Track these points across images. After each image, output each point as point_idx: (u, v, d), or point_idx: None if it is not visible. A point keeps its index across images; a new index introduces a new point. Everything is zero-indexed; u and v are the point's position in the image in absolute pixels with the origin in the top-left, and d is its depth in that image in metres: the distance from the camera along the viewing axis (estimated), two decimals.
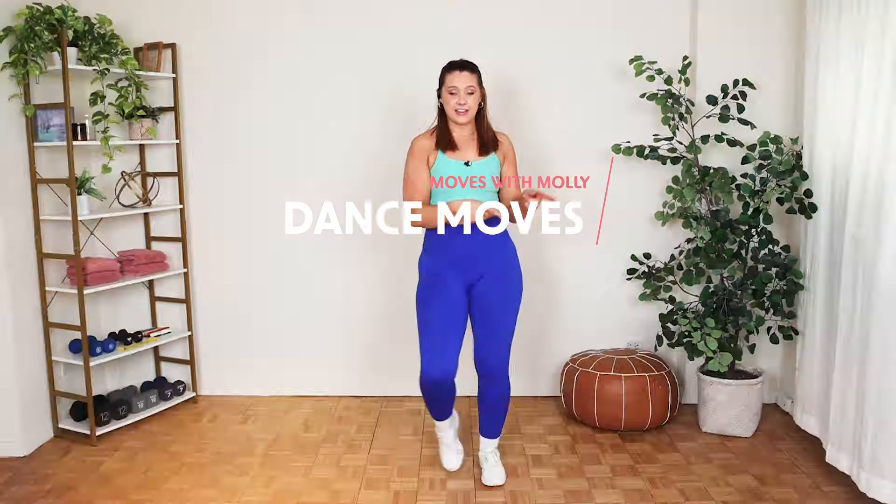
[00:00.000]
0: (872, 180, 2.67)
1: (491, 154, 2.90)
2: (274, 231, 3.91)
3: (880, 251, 2.58)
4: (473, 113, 2.86)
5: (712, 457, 3.23)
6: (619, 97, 3.76)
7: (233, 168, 3.90)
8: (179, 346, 4.03)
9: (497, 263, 2.89)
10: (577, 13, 3.73)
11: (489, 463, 3.03)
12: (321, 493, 2.93)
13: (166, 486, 3.00)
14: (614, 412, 3.41)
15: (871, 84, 2.71)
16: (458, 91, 2.80)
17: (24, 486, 3.01)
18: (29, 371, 3.36)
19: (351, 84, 3.82)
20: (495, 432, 3.05)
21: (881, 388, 2.58)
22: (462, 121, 2.84)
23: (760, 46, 3.61)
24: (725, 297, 3.41)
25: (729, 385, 3.38)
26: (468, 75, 2.82)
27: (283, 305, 3.98)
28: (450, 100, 2.83)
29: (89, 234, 3.75)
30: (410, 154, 2.90)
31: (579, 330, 3.92)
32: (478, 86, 2.85)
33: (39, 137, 3.35)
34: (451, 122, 2.88)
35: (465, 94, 2.80)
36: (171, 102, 3.84)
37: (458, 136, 2.89)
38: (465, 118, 2.83)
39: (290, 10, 3.78)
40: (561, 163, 3.81)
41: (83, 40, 3.34)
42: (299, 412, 3.80)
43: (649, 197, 3.81)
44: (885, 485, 2.57)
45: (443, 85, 2.86)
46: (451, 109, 2.83)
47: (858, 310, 2.75)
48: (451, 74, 2.83)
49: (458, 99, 2.81)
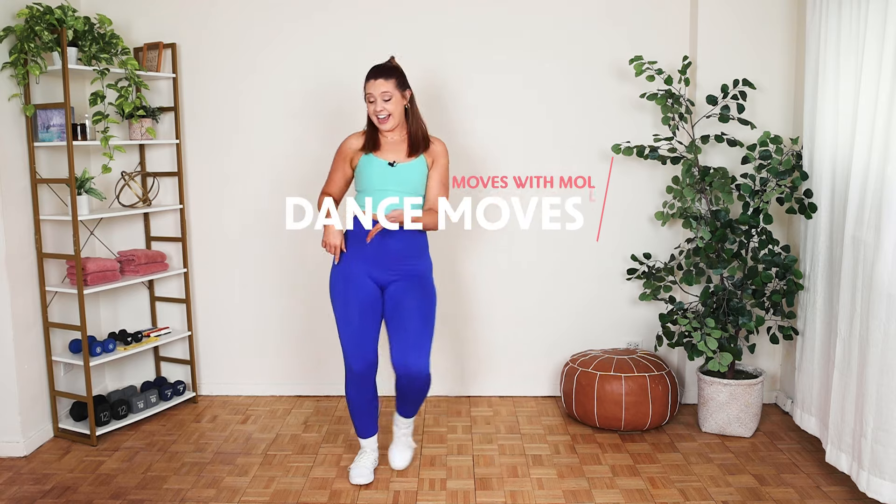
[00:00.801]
0: (872, 180, 2.67)
1: (420, 156, 2.92)
2: (274, 231, 3.91)
3: (880, 251, 2.58)
4: (396, 118, 2.86)
5: (712, 457, 3.23)
6: (619, 97, 3.76)
7: (233, 168, 3.90)
8: (179, 346, 4.03)
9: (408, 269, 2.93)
10: (577, 13, 3.73)
11: (399, 444, 3.14)
12: (321, 493, 2.93)
13: (166, 486, 3.00)
14: (614, 412, 3.41)
15: (871, 84, 2.71)
16: (375, 98, 2.83)
17: (24, 486, 3.01)
18: (29, 371, 3.36)
19: (351, 84, 3.81)
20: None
21: (881, 388, 2.58)
22: (384, 127, 2.86)
23: (760, 46, 3.61)
24: (725, 297, 3.41)
25: (729, 385, 3.38)
26: (382, 82, 2.82)
27: (283, 305, 3.98)
28: (369, 107, 2.86)
29: (89, 234, 3.75)
30: (338, 151, 2.99)
31: (579, 330, 3.92)
32: (396, 89, 2.84)
33: (39, 137, 3.35)
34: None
35: (382, 101, 2.83)
36: (171, 102, 3.84)
37: (387, 138, 2.93)
38: (387, 125, 2.86)
39: (290, 10, 3.79)
40: (561, 163, 3.81)
41: (83, 40, 3.34)
42: (299, 412, 3.80)
43: (649, 197, 3.81)
44: (885, 485, 2.57)
45: (364, 91, 2.88)
46: (373, 116, 2.86)
47: (858, 310, 2.75)
48: (367, 83, 2.85)
49: (375, 106, 2.84)
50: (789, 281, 3.34)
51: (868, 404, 2.63)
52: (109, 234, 3.89)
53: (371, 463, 3.06)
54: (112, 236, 3.90)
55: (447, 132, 3.72)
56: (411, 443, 3.20)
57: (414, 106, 2.93)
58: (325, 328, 3.97)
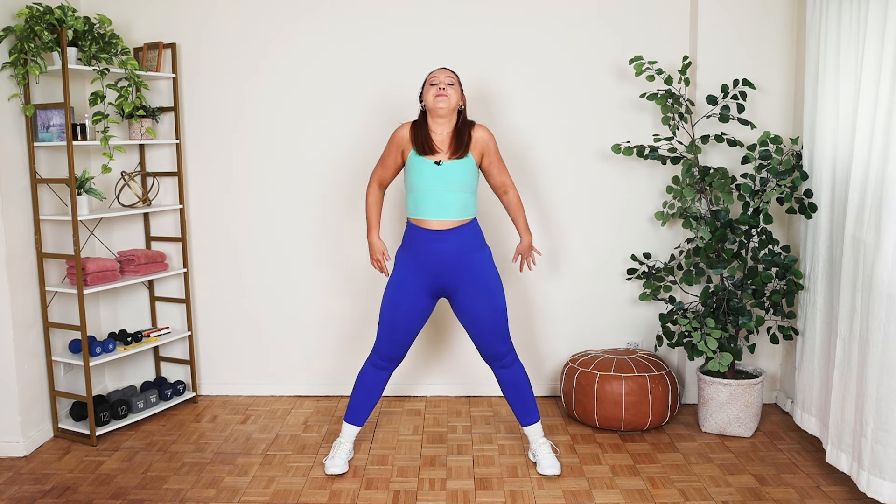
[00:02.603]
0: (872, 180, 2.67)
1: (467, 155, 2.95)
2: (274, 230, 3.91)
3: (880, 251, 2.58)
4: (452, 104, 2.92)
5: (712, 457, 3.23)
6: (619, 97, 3.76)
7: (233, 168, 3.90)
8: (179, 346, 4.03)
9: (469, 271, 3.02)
10: (577, 13, 3.73)
11: (541, 453, 3.10)
12: (321, 493, 2.93)
13: (166, 486, 3.00)
14: (614, 412, 3.41)
15: (871, 84, 2.71)
16: (439, 80, 2.91)
17: (24, 486, 3.01)
18: (29, 371, 3.35)
19: (351, 84, 3.82)
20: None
21: (881, 388, 2.58)
22: (440, 105, 2.90)
23: (760, 46, 3.61)
24: (725, 297, 3.41)
25: (729, 385, 3.38)
26: (450, 72, 2.98)
27: (283, 305, 3.98)
28: (430, 90, 2.92)
29: (89, 234, 3.75)
30: (390, 139, 3.04)
31: (579, 330, 3.92)
32: (458, 84, 2.97)
33: (39, 137, 3.35)
34: (431, 118, 2.96)
35: (446, 82, 2.92)
36: (171, 102, 3.84)
37: (435, 137, 2.96)
38: (442, 103, 2.89)
39: (290, 11, 3.78)
40: (561, 163, 3.81)
41: (83, 40, 3.34)
42: (299, 412, 3.80)
43: (649, 197, 3.81)
44: (885, 485, 2.57)
45: (424, 84, 2.97)
46: (432, 97, 2.91)
47: (858, 310, 2.75)
48: (433, 72, 2.99)
49: (438, 86, 2.90)
50: (789, 281, 3.34)
51: (868, 404, 2.63)
52: (109, 234, 3.89)
53: (346, 454, 3.13)
54: (112, 236, 3.90)
55: None
56: (550, 446, 3.15)
57: (465, 112, 3.02)
58: (325, 328, 3.97)
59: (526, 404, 3.12)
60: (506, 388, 3.12)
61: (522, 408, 3.12)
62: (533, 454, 3.15)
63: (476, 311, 2.99)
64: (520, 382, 3.10)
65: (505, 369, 3.09)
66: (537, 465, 3.09)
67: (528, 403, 3.12)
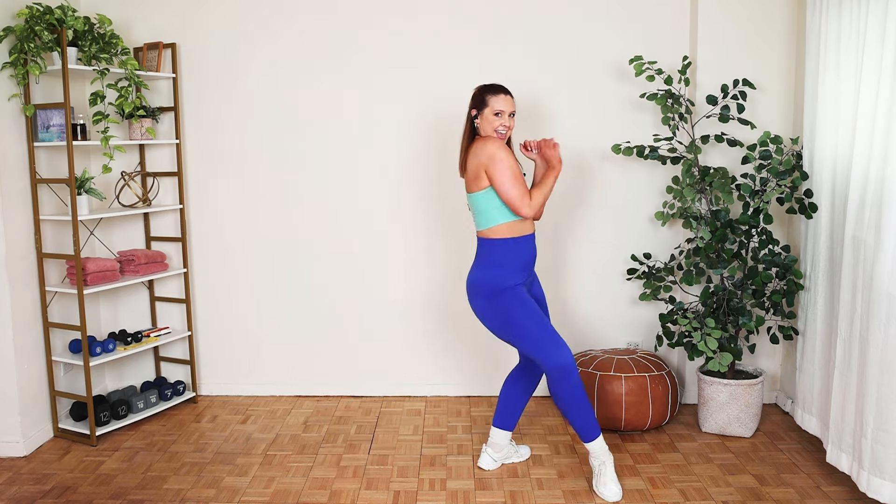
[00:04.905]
0: (872, 180, 2.67)
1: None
2: (273, 230, 3.91)
3: (880, 251, 2.58)
4: None
5: (712, 457, 3.23)
6: (619, 97, 3.76)
7: (233, 168, 3.90)
8: (179, 346, 4.03)
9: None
10: (577, 13, 3.73)
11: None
12: (321, 493, 2.93)
13: (166, 486, 3.00)
14: (614, 412, 3.41)
15: (871, 84, 2.71)
16: (504, 114, 2.85)
17: (24, 486, 3.01)
18: (29, 371, 3.35)
19: (351, 84, 3.82)
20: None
21: (881, 388, 2.58)
22: (503, 135, 2.89)
23: (760, 46, 3.61)
24: (725, 297, 3.41)
25: (729, 385, 3.38)
26: (511, 100, 2.88)
27: (283, 305, 3.98)
28: (494, 121, 2.85)
29: (89, 234, 3.75)
30: (506, 153, 2.78)
31: (579, 330, 3.92)
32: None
33: (39, 137, 3.35)
34: (479, 132, 2.90)
35: (509, 116, 2.87)
36: (171, 102, 3.84)
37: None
38: (507, 133, 2.90)
39: (290, 11, 3.78)
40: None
41: (83, 40, 3.34)
42: (299, 412, 3.80)
43: (649, 197, 3.81)
44: (886, 485, 2.57)
45: (485, 105, 2.86)
46: (492, 129, 2.86)
47: (858, 310, 2.75)
48: (496, 97, 2.85)
49: (502, 121, 2.86)
50: (789, 281, 3.34)
51: (868, 404, 2.63)
52: (109, 234, 3.89)
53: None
54: (112, 236, 3.90)
55: (444, 134, 3.72)
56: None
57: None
58: (326, 328, 3.97)
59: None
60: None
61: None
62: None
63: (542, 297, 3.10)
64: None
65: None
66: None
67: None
